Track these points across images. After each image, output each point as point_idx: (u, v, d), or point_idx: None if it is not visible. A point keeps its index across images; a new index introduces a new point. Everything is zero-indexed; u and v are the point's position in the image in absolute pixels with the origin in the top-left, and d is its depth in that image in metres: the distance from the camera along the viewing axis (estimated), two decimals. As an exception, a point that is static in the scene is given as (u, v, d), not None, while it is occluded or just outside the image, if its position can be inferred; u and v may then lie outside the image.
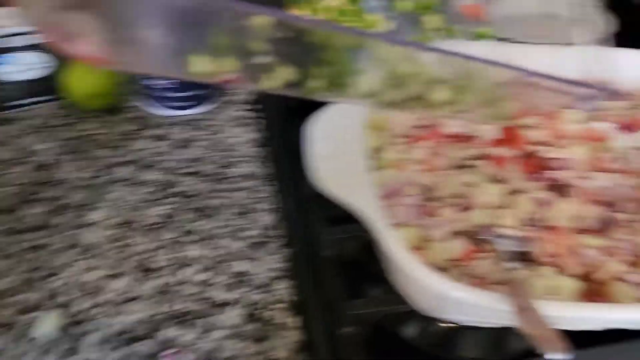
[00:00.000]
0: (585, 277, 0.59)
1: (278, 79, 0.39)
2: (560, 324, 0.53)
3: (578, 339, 0.54)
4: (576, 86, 0.48)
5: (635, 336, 0.55)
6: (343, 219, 0.60)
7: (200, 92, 0.81)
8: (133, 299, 0.61)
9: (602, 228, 0.63)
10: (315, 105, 0.66)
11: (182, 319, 0.59)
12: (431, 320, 0.57)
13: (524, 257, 0.61)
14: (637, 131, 0.70)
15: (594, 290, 0.58)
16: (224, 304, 0.61)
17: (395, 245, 0.51)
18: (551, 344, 0.41)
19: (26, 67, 0.85)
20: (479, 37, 0.59)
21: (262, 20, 0.36)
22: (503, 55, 0.65)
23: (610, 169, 0.66)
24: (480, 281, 0.56)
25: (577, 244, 0.59)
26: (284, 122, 0.80)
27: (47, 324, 0.58)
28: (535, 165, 0.67)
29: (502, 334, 0.57)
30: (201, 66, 0.37)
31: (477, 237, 0.59)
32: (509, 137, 0.68)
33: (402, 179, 0.60)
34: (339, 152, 0.58)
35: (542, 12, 0.65)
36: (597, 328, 0.53)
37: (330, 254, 0.63)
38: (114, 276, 0.62)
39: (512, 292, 0.47)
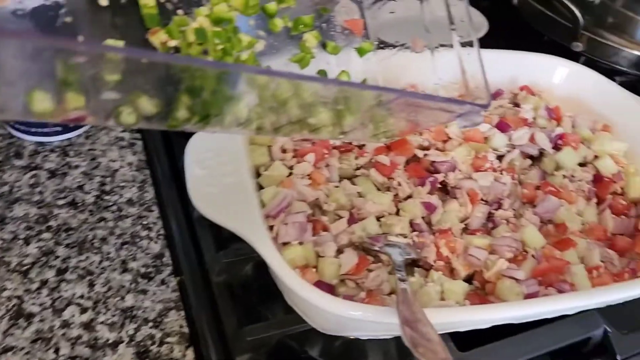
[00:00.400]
0: (475, 277, 0.61)
1: (134, 114, 0.36)
2: (450, 328, 0.54)
3: (469, 338, 0.56)
4: (455, 104, 0.48)
5: (520, 329, 0.57)
6: (233, 241, 0.58)
7: (74, 114, 0.75)
8: (9, 349, 0.55)
9: (488, 227, 0.65)
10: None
11: (68, 366, 0.54)
12: (332, 337, 0.56)
13: (417, 264, 0.61)
14: (510, 130, 0.73)
15: (484, 289, 0.60)
16: (114, 344, 0.56)
17: (283, 267, 0.50)
18: (430, 358, 0.41)
19: None
20: (361, 52, 0.59)
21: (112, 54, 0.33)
22: (385, 62, 0.66)
23: (489, 169, 0.68)
24: (374, 293, 0.56)
25: (466, 245, 0.61)
26: (167, 142, 0.76)
27: None
28: (423, 169, 0.68)
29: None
30: (43, 104, 0.33)
31: (369, 248, 0.59)
32: (395, 143, 0.69)
33: (289, 196, 0.58)
34: (220, 172, 0.56)
35: (418, 16, 0.66)
36: (484, 326, 0.54)
37: (223, 279, 0.61)
38: (-17, 328, 0.56)
39: (399, 303, 0.47)
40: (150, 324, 0.58)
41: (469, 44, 0.56)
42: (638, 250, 0.65)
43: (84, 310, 0.59)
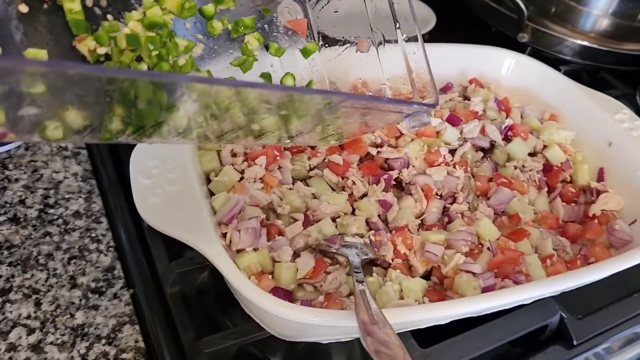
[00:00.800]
0: (433, 273, 0.61)
1: (61, 128, 0.34)
2: (410, 326, 0.54)
3: (430, 334, 0.56)
4: (402, 105, 0.48)
5: (480, 321, 0.58)
6: (186, 250, 0.56)
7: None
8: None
9: (444, 221, 0.66)
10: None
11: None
12: (293, 343, 0.55)
13: (375, 263, 0.61)
14: (461, 123, 0.73)
15: (442, 284, 0.60)
16: (65, 364, 0.54)
17: (237, 276, 0.48)
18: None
19: None
20: (306, 53, 0.58)
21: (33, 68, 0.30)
22: (331, 63, 0.65)
23: (442, 163, 0.69)
24: (333, 296, 0.55)
25: (422, 242, 0.61)
26: (113, 150, 0.73)
27: None
28: (377, 167, 0.68)
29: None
30: None
31: (326, 250, 0.58)
32: (348, 142, 0.68)
33: (241, 201, 0.57)
34: (167, 180, 0.54)
35: (363, 13, 0.66)
36: (444, 322, 0.55)
37: (177, 290, 0.59)
38: None
39: (357, 306, 0.46)
40: (104, 340, 0.56)
41: (415, 39, 0.56)
42: (588, 237, 0.67)
43: (31, 331, 0.56)
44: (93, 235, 0.65)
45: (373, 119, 0.48)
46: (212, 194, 0.61)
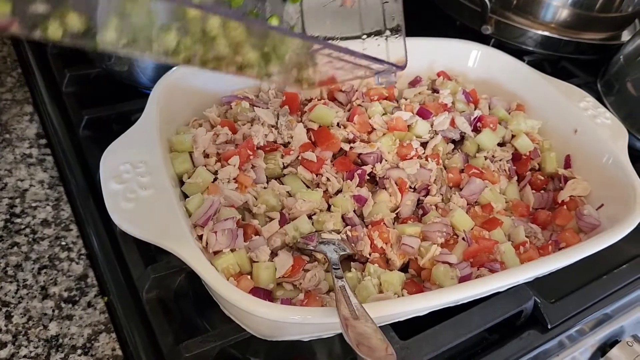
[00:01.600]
0: (411, 265, 0.61)
1: (61, 29, 0.36)
2: (390, 319, 0.54)
3: (409, 325, 0.57)
4: (375, 62, 0.50)
5: (457, 310, 0.59)
6: (162, 253, 0.55)
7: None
8: None
9: (419, 214, 0.66)
10: (113, 135, 0.60)
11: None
12: (274, 342, 0.55)
13: (353, 258, 0.61)
14: (431, 116, 0.74)
15: (420, 276, 0.60)
16: (39, 378, 0.53)
17: (215, 278, 0.48)
18: (373, 356, 0.41)
19: None
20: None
21: None
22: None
23: (415, 156, 0.69)
24: (312, 293, 0.55)
25: (398, 235, 0.61)
26: (79, 156, 0.71)
27: None
28: (350, 162, 0.68)
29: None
30: None
31: (304, 248, 0.58)
32: (320, 138, 0.68)
33: (216, 202, 0.56)
34: (139, 185, 0.52)
35: (334, 6, 0.66)
36: (423, 313, 0.55)
37: (154, 295, 0.58)
38: None
39: (338, 302, 0.46)
40: (79, 351, 0.55)
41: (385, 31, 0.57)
42: (558, 223, 0.69)
43: (2, 345, 0.54)
44: (63, 243, 0.63)
45: (345, 72, 0.50)
46: (186, 196, 0.60)
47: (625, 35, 1.11)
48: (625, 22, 1.10)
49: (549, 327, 0.63)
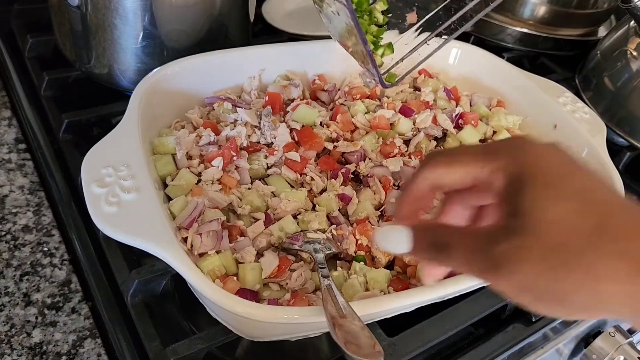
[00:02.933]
0: (396, 263, 0.62)
1: None
2: (377, 317, 0.54)
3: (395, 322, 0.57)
4: (370, 61, 0.53)
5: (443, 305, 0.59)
6: (146, 257, 0.55)
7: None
8: None
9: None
10: (94, 139, 0.59)
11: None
12: (260, 343, 0.55)
13: (339, 257, 0.61)
14: (413, 114, 0.74)
15: (405, 273, 0.61)
16: (24, 386, 0.52)
17: (201, 281, 0.47)
18: (361, 353, 0.41)
19: None
20: None
21: None
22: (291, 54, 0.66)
23: (398, 154, 0.70)
24: (299, 293, 0.55)
25: (382, 232, 0.61)
26: (60, 160, 0.70)
27: None
28: (334, 161, 0.68)
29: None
30: None
31: (289, 248, 0.58)
32: (304, 138, 0.68)
33: (200, 204, 0.56)
34: (121, 188, 0.52)
35: (308, 6, 0.67)
36: (410, 310, 0.55)
37: (139, 299, 0.57)
38: None
39: (325, 301, 0.46)
40: (64, 357, 0.54)
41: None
42: (540, 217, 0.69)
43: (-15, 354, 0.53)
44: (45, 249, 0.63)
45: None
46: (169, 198, 0.60)
47: (602, 31, 1.13)
48: (602, 18, 1.12)
49: (533, 320, 0.64)
